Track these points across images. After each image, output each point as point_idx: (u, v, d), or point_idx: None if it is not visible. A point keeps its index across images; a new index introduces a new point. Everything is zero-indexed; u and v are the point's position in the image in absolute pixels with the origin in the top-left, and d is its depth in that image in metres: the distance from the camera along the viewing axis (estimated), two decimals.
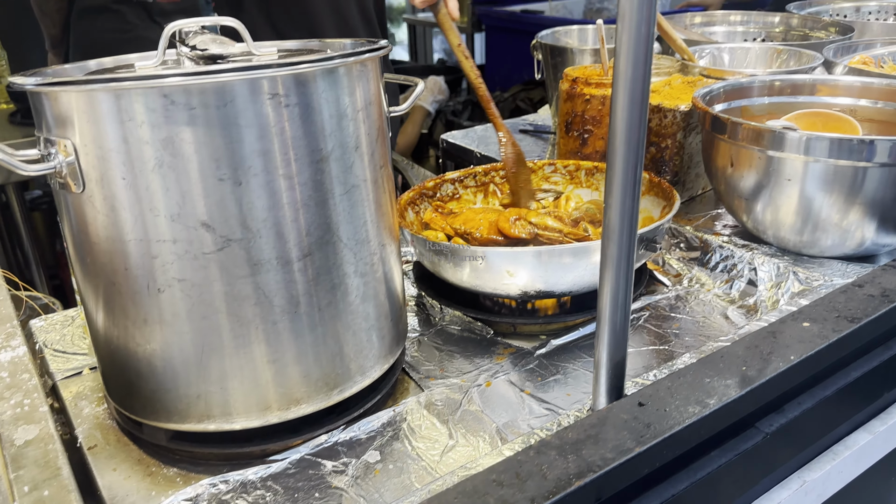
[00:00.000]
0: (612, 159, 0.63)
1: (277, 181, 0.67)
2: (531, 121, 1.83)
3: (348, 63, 0.70)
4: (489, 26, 3.80)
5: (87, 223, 0.69)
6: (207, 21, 0.76)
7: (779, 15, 1.84)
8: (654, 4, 0.58)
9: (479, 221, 1.10)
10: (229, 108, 0.63)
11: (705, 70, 1.33)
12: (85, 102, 0.64)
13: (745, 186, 1.04)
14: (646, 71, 0.60)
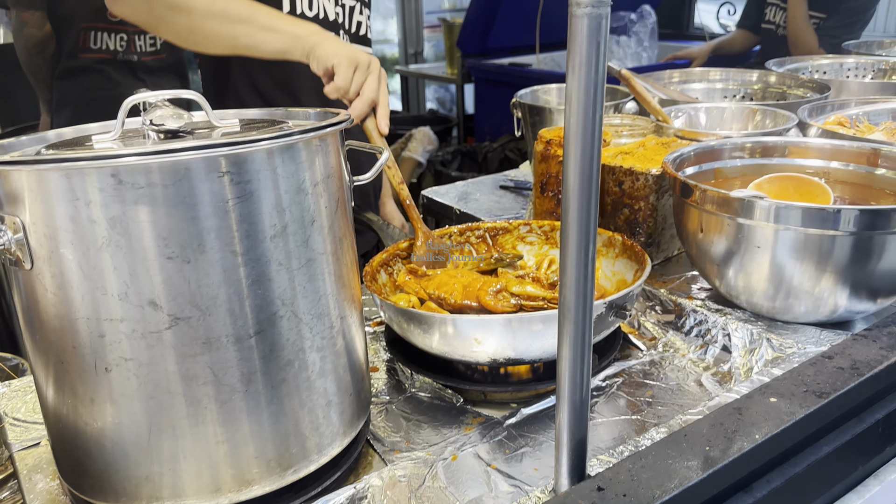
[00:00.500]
0: (566, 239, 0.62)
1: (228, 258, 0.66)
2: (512, 176, 1.84)
3: (306, 139, 0.70)
4: (478, 78, 3.85)
5: (36, 300, 0.68)
6: (168, 94, 0.76)
7: (756, 72, 1.86)
8: (600, 89, 0.57)
9: (453, 286, 1.08)
10: (179, 187, 0.63)
11: (679, 131, 1.33)
12: (34, 181, 0.63)
13: (717, 252, 1.03)
14: (595, 150, 0.59)
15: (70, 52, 2.17)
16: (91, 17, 2.16)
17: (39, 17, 2.09)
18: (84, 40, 2.17)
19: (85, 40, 2.17)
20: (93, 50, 2.19)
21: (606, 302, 0.94)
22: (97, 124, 0.84)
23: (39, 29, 2.10)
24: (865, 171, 1.14)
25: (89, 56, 2.19)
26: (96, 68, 2.17)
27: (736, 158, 1.22)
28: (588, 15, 0.55)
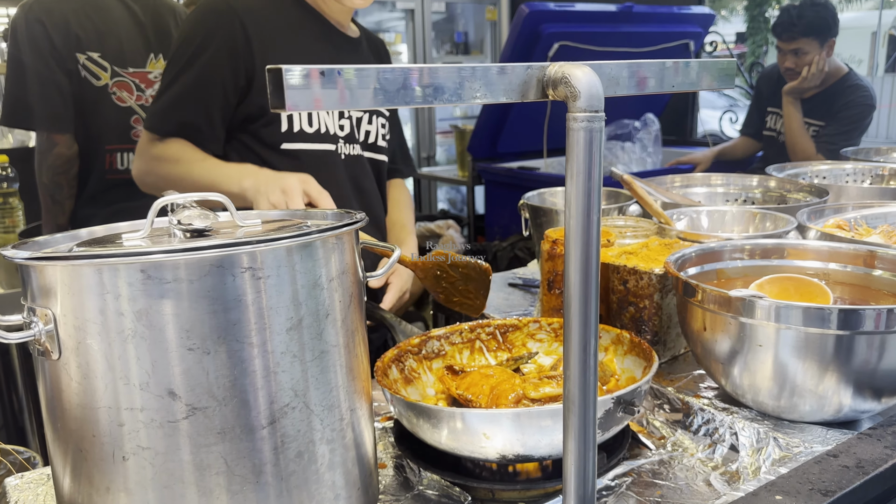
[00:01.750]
0: (568, 333, 0.65)
1: (246, 350, 0.69)
2: (520, 274, 1.88)
3: (324, 237, 0.74)
4: (488, 181, 3.97)
5: (60, 389, 0.71)
6: (195, 196, 0.81)
7: (756, 177, 1.93)
8: (597, 194, 0.62)
9: (482, 387, 1.09)
10: (203, 282, 0.67)
11: (681, 233, 1.38)
12: (68, 275, 0.67)
13: (721, 351, 1.05)
14: (593, 249, 0.63)
15: (98, 174, 2.22)
16: (117, 139, 2.22)
17: (69, 138, 2.14)
18: (111, 161, 2.22)
19: (112, 161, 2.22)
20: (119, 171, 2.24)
21: (614, 397, 0.95)
22: (126, 223, 0.89)
23: (68, 149, 2.15)
24: (863, 273, 1.17)
25: (116, 177, 2.24)
26: (123, 187, 2.22)
27: (737, 259, 1.26)
28: (584, 128, 0.60)
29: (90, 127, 2.18)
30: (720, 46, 4.59)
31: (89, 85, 2.15)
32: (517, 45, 3.47)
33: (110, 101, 2.19)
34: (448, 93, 0.58)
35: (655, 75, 0.72)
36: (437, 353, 1.25)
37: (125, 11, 2.21)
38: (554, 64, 0.63)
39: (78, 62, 2.12)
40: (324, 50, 1.64)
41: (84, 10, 2.13)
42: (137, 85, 2.24)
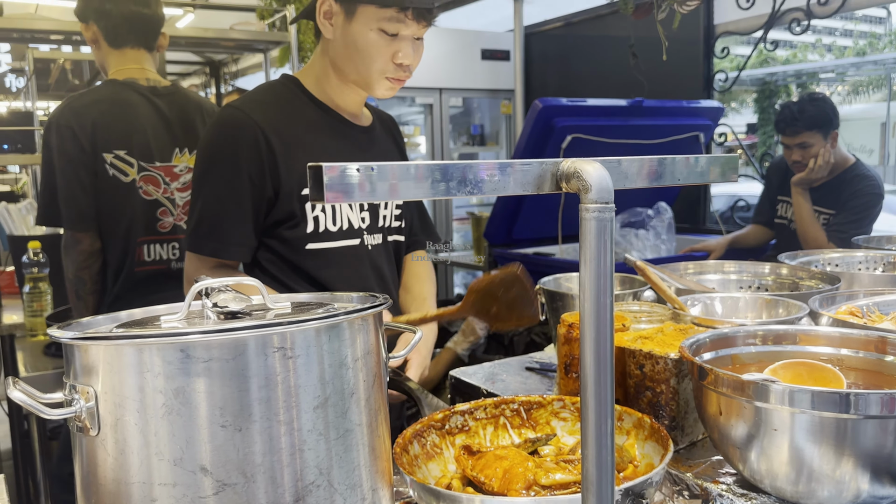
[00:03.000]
0: (585, 415, 0.67)
1: (275, 427, 0.72)
2: (537, 359, 1.90)
3: (351, 318, 0.78)
4: None
5: (97, 465, 0.74)
6: (229, 281, 0.86)
7: (769, 265, 1.96)
8: (609, 278, 0.66)
9: (495, 470, 1.10)
10: (237, 361, 0.71)
11: (696, 319, 1.41)
12: (111, 354, 0.71)
13: (737, 435, 1.06)
14: (608, 331, 0.67)
15: (128, 268, 2.27)
16: (145, 231, 2.29)
17: (91, 235, 2.21)
18: (139, 254, 2.28)
19: (139, 253, 2.28)
20: (146, 262, 2.29)
21: (622, 489, 0.96)
22: (164, 306, 0.93)
23: (91, 246, 2.21)
24: (876, 358, 1.18)
25: (144, 269, 2.29)
26: (152, 278, 2.28)
27: (750, 345, 1.28)
28: (595, 218, 0.65)
29: (120, 221, 2.25)
30: (730, 137, 4.72)
31: (118, 182, 2.23)
32: (531, 137, 3.59)
33: (137, 195, 2.26)
34: (470, 186, 0.64)
35: (663, 169, 0.77)
36: (461, 428, 1.26)
37: (151, 108, 2.30)
38: (567, 160, 0.69)
39: (105, 162, 2.20)
40: (343, 146, 1.70)
41: (111, 111, 2.22)
42: (163, 178, 2.32)
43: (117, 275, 2.26)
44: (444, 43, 5.32)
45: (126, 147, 2.25)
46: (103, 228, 2.23)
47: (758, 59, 14.56)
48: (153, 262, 2.29)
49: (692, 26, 4.39)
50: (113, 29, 2.27)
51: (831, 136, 3.17)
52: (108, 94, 2.26)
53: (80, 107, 2.20)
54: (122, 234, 2.25)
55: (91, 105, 2.21)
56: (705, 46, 4.44)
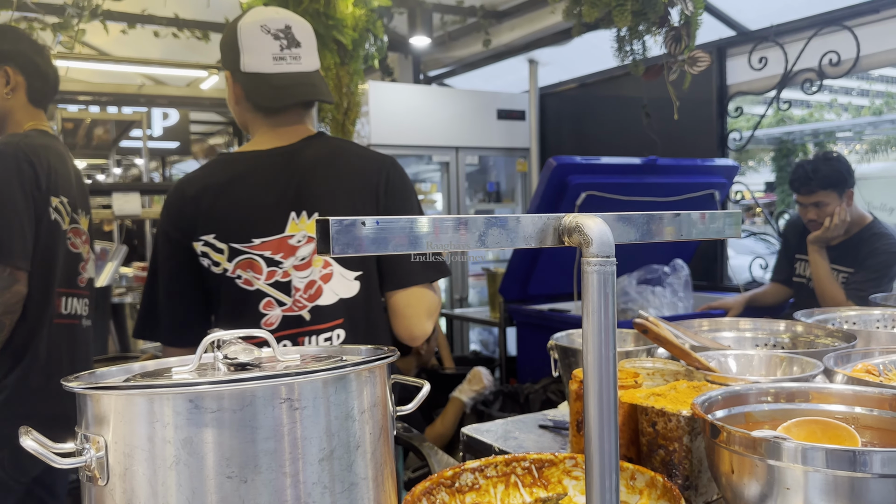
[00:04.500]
0: (590, 469, 0.67)
1: (280, 479, 0.73)
2: (551, 416, 1.88)
3: (358, 370, 0.79)
4: (519, 322, 4.02)
5: None
6: (241, 333, 0.88)
7: (784, 323, 1.94)
8: (612, 330, 0.67)
9: None
10: (245, 412, 0.72)
11: (709, 375, 1.40)
12: (122, 404, 0.73)
13: (750, 495, 1.04)
14: (611, 383, 0.67)
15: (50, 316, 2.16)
16: (66, 283, 2.20)
17: (27, 277, 2.05)
18: (58, 305, 2.18)
19: (58, 304, 2.18)
20: (63, 315, 2.20)
21: None
22: (175, 358, 0.95)
23: (24, 288, 2.05)
24: (891, 417, 1.16)
25: (60, 321, 2.19)
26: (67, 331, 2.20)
27: (763, 403, 1.26)
28: (597, 271, 0.67)
29: (50, 269, 2.14)
30: (747, 196, 4.73)
31: (57, 227, 2.15)
32: (546, 194, 3.63)
33: (66, 245, 2.20)
34: (473, 240, 0.65)
35: (669, 225, 0.79)
36: (471, 486, 1.25)
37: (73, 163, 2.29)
38: (569, 215, 0.71)
39: (51, 205, 2.13)
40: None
41: (57, 157, 2.19)
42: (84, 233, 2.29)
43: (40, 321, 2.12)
44: (461, 103, 5.44)
45: (67, 195, 2.20)
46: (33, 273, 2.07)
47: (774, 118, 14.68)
48: (68, 317, 2.21)
49: (705, 86, 4.46)
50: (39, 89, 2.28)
51: (846, 195, 3.18)
52: (48, 141, 2.21)
53: (36, 146, 2.12)
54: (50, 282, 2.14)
55: (42, 148, 2.14)
56: (719, 106, 4.50)
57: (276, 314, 1.75)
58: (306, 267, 1.75)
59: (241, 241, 1.73)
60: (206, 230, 1.73)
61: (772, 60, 4.10)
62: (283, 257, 1.74)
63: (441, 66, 6.07)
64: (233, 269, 1.73)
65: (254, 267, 1.73)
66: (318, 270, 1.76)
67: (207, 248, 1.74)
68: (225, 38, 1.84)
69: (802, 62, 3.98)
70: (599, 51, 4.75)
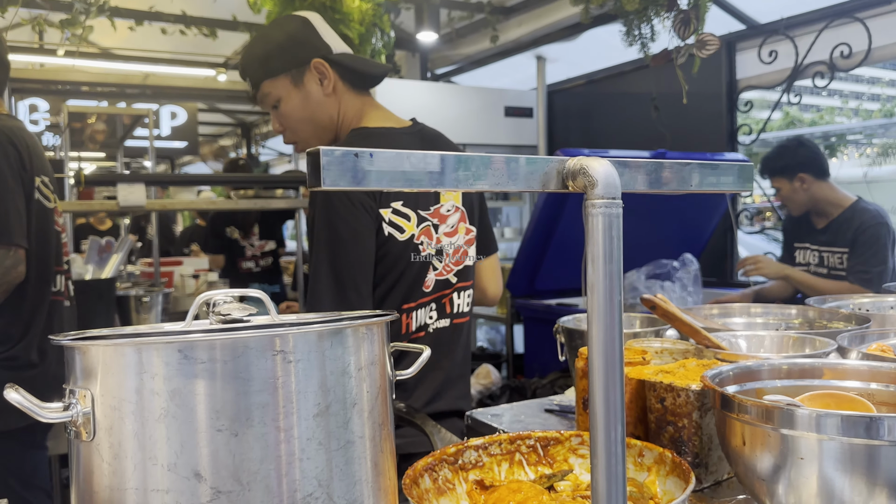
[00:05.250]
0: (594, 436, 0.64)
1: (273, 433, 0.70)
2: (557, 401, 1.85)
3: (354, 325, 0.76)
4: (527, 317, 3.98)
5: (91, 471, 0.72)
6: (236, 293, 0.85)
7: (796, 308, 1.90)
8: (618, 277, 0.64)
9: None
10: (237, 363, 0.69)
11: (719, 354, 1.36)
12: (110, 355, 0.70)
13: (762, 467, 1.01)
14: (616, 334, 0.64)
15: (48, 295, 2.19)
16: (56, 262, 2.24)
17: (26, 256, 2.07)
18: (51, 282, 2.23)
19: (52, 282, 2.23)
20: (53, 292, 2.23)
21: None
22: (170, 324, 0.93)
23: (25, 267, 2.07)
24: None
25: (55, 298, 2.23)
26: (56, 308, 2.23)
27: (775, 379, 1.23)
28: (602, 213, 0.64)
29: (47, 248, 2.18)
30: (757, 199, 4.68)
31: (43, 206, 2.17)
32: None
33: (53, 224, 2.22)
34: (473, 179, 0.62)
35: (676, 175, 0.76)
36: (475, 464, 1.21)
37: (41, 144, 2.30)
38: (573, 158, 0.68)
39: (34, 185, 2.14)
40: None
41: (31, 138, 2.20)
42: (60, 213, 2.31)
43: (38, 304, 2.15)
44: (469, 100, 5.42)
45: (47, 174, 2.21)
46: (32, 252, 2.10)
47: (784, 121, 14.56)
48: (59, 294, 2.24)
49: (715, 80, 4.42)
50: None
51: (797, 179, 3.36)
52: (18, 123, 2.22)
53: (13, 128, 2.13)
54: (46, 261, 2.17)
55: (18, 129, 2.15)
56: (728, 101, 4.46)
57: (431, 278, 1.81)
58: (454, 234, 1.85)
59: (424, 208, 1.78)
60: (392, 197, 1.73)
61: (782, 54, 4.05)
62: (439, 223, 1.82)
63: (448, 64, 6.05)
64: (418, 234, 1.76)
65: (428, 233, 1.79)
66: (463, 236, 1.87)
67: (395, 216, 1.73)
68: (298, 35, 1.82)
69: (813, 55, 3.94)
70: (607, 46, 4.73)
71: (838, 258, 3.30)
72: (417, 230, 1.76)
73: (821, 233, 3.40)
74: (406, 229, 1.75)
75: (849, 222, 3.31)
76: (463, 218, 1.88)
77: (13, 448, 2.10)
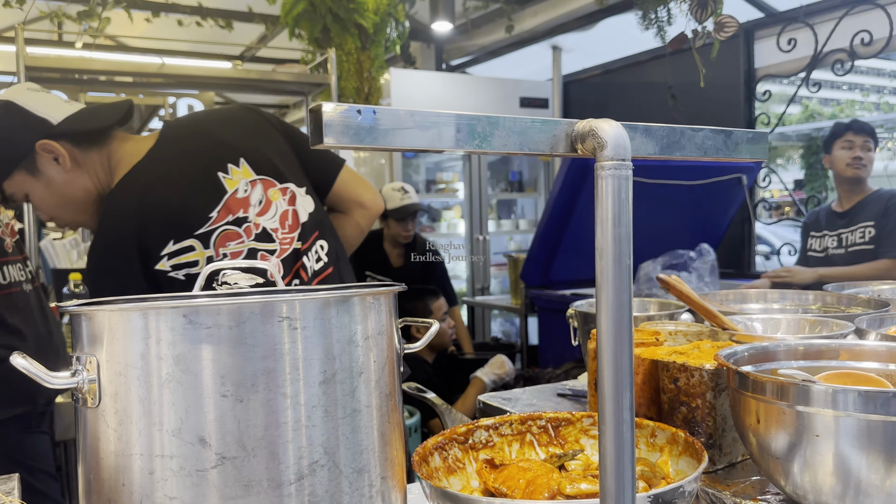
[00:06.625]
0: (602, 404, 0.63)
1: (278, 400, 0.69)
2: (570, 386, 1.83)
3: (361, 294, 0.76)
4: (541, 308, 3.96)
5: (97, 437, 0.72)
6: (244, 264, 0.85)
7: (813, 293, 1.87)
8: (626, 240, 0.62)
9: (517, 482, 1.05)
10: (242, 328, 0.69)
11: (735, 335, 1.34)
12: (116, 321, 0.70)
13: (777, 446, 0.99)
14: (625, 300, 0.63)
15: None
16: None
17: None
18: None
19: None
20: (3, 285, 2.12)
21: (651, 496, 0.89)
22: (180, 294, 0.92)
23: None
24: None
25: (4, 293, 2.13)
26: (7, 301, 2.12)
27: (791, 360, 1.21)
28: (612, 175, 0.62)
29: None
30: (776, 194, 4.63)
31: None
32: (568, 177, 3.58)
33: None
34: (479, 139, 0.61)
35: (689, 140, 0.74)
36: (485, 443, 1.21)
37: None
38: (582, 121, 0.66)
39: None
40: None
41: None
42: None
43: None
44: (484, 91, 5.40)
45: None
46: None
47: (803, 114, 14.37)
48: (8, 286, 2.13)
49: (732, 69, 4.37)
50: None
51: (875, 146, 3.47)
52: None
53: None
54: None
55: None
56: (746, 89, 4.41)
57: (273, 263, 1.66)
58: (268, 208, 1.69)
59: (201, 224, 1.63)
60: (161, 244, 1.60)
61: (801, 42, 3.99)
62: (244, 212, 1.66)
63: (463, 55, 6.03)
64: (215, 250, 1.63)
65: (230, 237, 1.64)
66: (283, 201, 1.70)
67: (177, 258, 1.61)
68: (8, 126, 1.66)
69: (833, 43, 3.88)
70: (623, 35, 4.69)
71: (860, 234, 3.34)
72: (212, 247, 1.62)
73: (840, 217, 3.43)
74: (199, 259, 1.61)
75: (876, 201, 3.36)
76: (268, 184, 1.70)
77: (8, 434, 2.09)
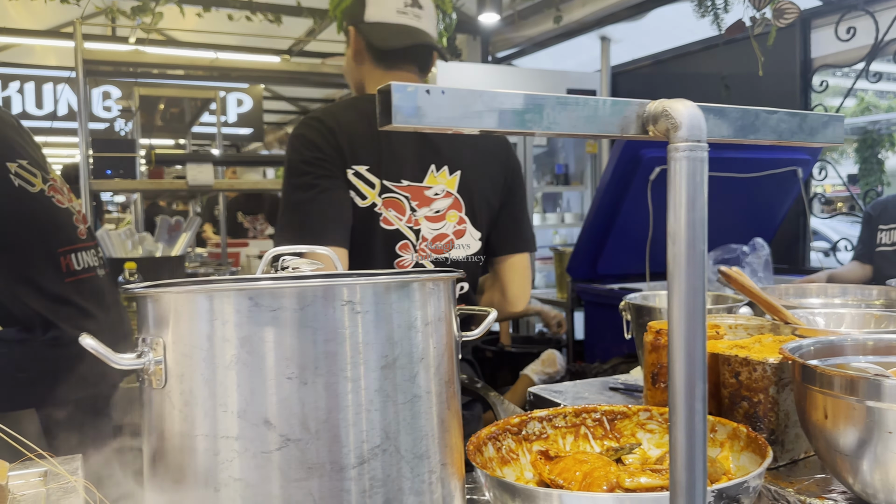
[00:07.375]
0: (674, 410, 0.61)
1: (341, 383, 0.69)
2: (622, 380, 1.80)
3: (421, 279, 0.75)
4: (588, 302, 3.92)
5: (162, 418, 0.73)
6: (304, 248, 0.85)
7: (876, 289, 1.81)
8: (701, 225, 0.60)
9: (574, 474, 1.04)
10: (306, 311, 0.69)
11: (798, 329, 1.30)
12: (182, 303, 0.71)
13: (846, 443, 0.95)
14: (699, 291, 0.61)
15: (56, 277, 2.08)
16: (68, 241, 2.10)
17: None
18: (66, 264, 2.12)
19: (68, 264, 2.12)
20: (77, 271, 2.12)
21: (715, 490, 0.87)
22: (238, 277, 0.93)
23: None
24: None
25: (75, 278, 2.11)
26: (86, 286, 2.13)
27: (859, 355, 1.16)
28: (686, 157, 0.60)
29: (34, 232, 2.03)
30: (829, 189, 4.50)
31: (25, 192, 2.03)
32: (617, 170, 3.52)
33: (51, 203, 2.08)
34: (548, 121, 0.60)
35: (763, 123, 0.72)
36: (539, 435, 1.19)
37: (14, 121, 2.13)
38: (654, 101, 0.65)
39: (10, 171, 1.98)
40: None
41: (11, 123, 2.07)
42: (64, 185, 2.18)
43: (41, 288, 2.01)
44: (530, 83, 5.35)
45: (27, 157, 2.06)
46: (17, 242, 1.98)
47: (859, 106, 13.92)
48: (83, 272, 2.11)
49: (789, 60, 4.25)
50: None
51: None
52: None
53: None
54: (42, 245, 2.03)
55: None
56: (802, 81, 4.28)
57: (409, 258, 1.74)
58: (439, 220, 1.76)
59: (392, 179, 1.71)
60: (356, 161, 1.70)
61: (860, 30, 3.86)
62: (418, 206, 1.74)
63: (510, 46, 5.98)
64: (381, 204, 1.71)
65: (397, 207, 1.72)
66: (452, 226, 1.78)
67: (357, 180, 1.70)
68: None
69: (894, 31, 3.74)
70: (674, 25, 4.60)
71: None
72: (380, 200, 1.70)
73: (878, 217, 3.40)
74: (368, 196, 1.70)
75: None
76: (456, 206, 1.78)
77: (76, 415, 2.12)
